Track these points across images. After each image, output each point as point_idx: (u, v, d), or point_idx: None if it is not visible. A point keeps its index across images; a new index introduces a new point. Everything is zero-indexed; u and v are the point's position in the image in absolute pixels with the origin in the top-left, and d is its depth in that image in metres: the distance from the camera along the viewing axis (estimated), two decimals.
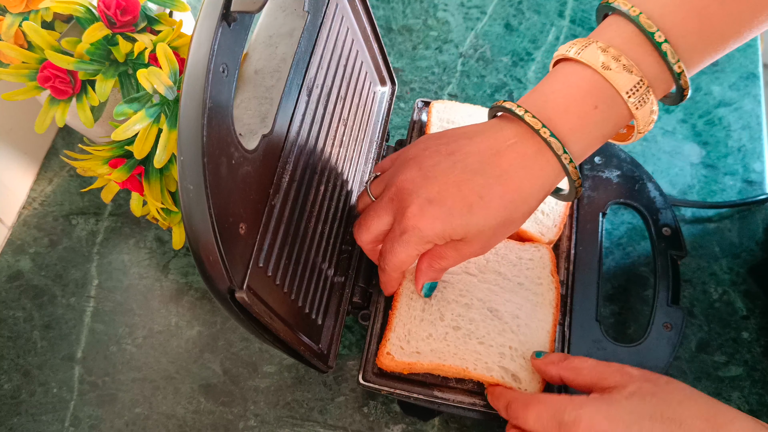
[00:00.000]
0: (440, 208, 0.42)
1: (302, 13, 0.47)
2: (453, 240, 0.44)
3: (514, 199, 0.42)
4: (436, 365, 0.49)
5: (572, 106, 0.40)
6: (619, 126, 0.42)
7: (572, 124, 0.41)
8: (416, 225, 0.43)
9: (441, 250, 0.46)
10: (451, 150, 0.44)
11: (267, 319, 0.40)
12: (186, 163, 0.33)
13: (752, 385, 0.56)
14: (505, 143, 0.42)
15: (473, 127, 0.45)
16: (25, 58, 0.51)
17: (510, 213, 0.43)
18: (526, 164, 0.42)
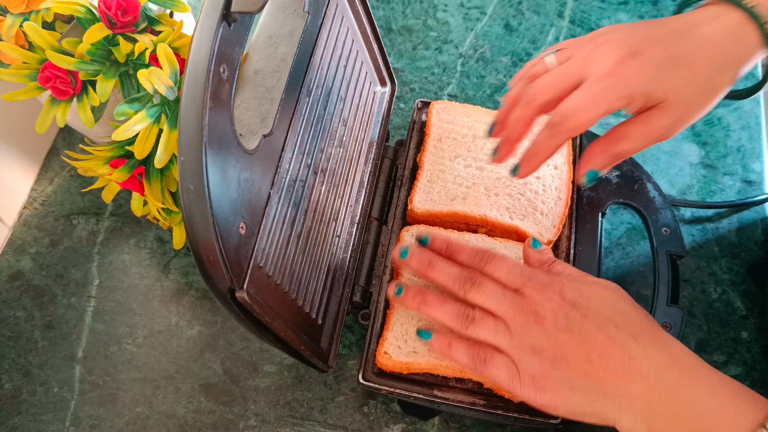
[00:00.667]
0: (646, 60, 0.40)
1: (302, 14, 0.47)
2: (646, 108, 0.41)
3: (719, 65, 0.41)
4: (433, 365, 0.49)
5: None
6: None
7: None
8: (619, 73, 0.40)
9: (625, 128, 0.43)
10: (651, 24, 0.42)
11: (267, 319, 0.40)
12: (186, 163, 0.34)
13: (752, 385, 0.55)
14: (707, 16, 0.42)
15: (666, 18, 0.44)
16: (25, 59, 0.51)
17: (714, 79, 0.41)
18: (730, 32, 0.41)
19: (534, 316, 0.43)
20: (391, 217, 0.59)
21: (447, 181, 0.58)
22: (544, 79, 0.43)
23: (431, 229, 0.56)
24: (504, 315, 0.44)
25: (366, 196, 0.58)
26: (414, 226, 0.56)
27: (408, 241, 0.50)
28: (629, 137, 0.43)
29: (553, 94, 0.42)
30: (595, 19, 0.76)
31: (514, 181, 0.57)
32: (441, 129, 0.60)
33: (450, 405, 0.50)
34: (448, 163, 0.59)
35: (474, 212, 0.56)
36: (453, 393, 0.50)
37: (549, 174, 0.58)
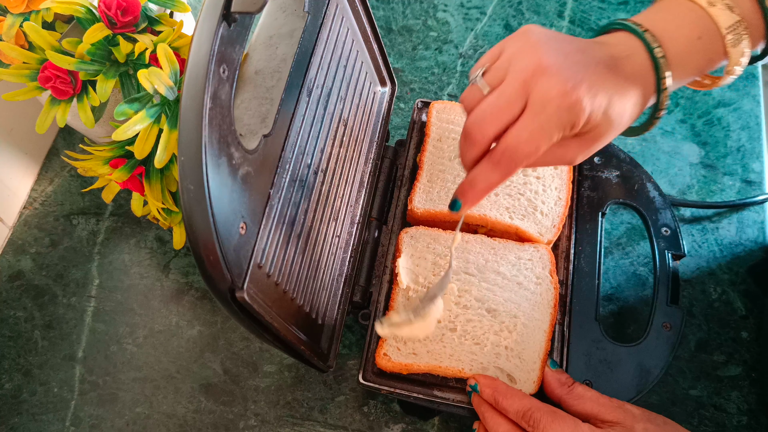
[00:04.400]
0: (589, 90, 0.40)
1: (302, 14, 0.47)
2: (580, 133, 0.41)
3: (643, 100, 0.42)
4: (432, 366, 0.49)
5: (680, 33, 0.42)
6: (712, 63, 0.43)
7: (678, 50, 0.42)
8: (565, 103, 0.39)
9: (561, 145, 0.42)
10: (579, 48, 0.42)
11: (267, 319, 0.40)
12: (186, 163, 0.34)
13: (751, 385, 0.56)
14: (623, 54, 0.42)
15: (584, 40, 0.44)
16: (26, 59, 0.51)
17: (637, 112, 0.43)
18: (640, 76, 0.42)
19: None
20: (391, 217, 0.59)
21: (447, 181, 0.58)
22: (484, 109, 0.41)
23: (434, 231, 0.56)
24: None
25: (366, 196, 0.58)
26: (413, 228, 0.56)
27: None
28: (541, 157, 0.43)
29: (498, 127, 0.41)
30: (595, 19, 0.76)
31: (515, 181, 0.57)
32: (441, 129, 0.60)
33: (450, 405, 0.50)
34: (448, 163, 0.59)
35: (474, 212, 0.56)
36: (453, 393, 0.50)
37: (549, 174, 0.58)
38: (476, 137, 0.42)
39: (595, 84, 0.40)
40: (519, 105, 0.40)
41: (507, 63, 0.41)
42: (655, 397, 0.55)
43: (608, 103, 0.41)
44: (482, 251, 0.54)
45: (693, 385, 0.56)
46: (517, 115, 0.41)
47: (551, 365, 0.49)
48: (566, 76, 0.39)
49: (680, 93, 0.71)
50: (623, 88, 0.41)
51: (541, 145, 0.40)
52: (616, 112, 0.41)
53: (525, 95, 0.40)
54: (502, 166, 0.42)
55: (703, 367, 0.57)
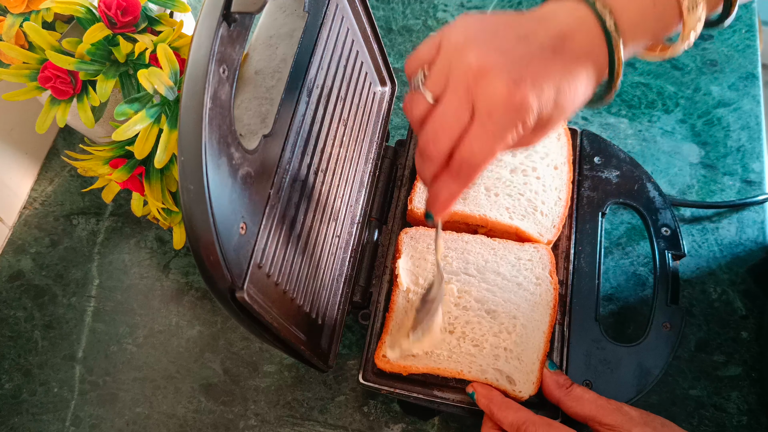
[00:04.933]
0: (535, 85, 0.38)
1: (302, 14, 0.47)
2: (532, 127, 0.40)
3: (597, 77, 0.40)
4: (431, 368, 0.49)
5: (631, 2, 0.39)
6: (666, 29, 0.40)
7: (631, 17, 0.39)
8: (513, 104, 0.37)
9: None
10: (520, 35, 0.40)
11: (267, 319, 0.40)
12: (186, 163, 0.34)
13: (751, 385, 0.56)
14: (570, 29, 0.40)
15: (528, 13, 0.41)
16: (25, 59, 0.51)
17: (590, 90, 0.40)
18: (591, 53, 0.39)
19: None
20: (391, 217, 0.59)
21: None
22: (435, 126, 0.40)
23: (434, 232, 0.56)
24: None
25: (366, 196, 0.58)
26: (413, 229, 0.56)
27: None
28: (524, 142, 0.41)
29: (451, 141, 0.40)
30: None
31: (515, 181, 0.57)
32: None
33: (450, 405, 0.50)
34: None
35: (474, 212, 0.56)
36: (453, 393, 0.50)
37: (549, 174, 0.58)
38: (432, 154, 0.40)
39: (540, 76, 0.38)
40: (467, 115, 0.39)
41: (447, 67, 0.40)
42: (655, 397, 0.55)
43: (557, 93, 0.39)
44: (482, 252, 0.54)
45: (693, 385, 0.56)
46: (466, 125, 0.39)
47: (549, 366, 0.49)
48: (508, 75, 0.38)
49: (680, 93, 0.71)
50: (572, 71, 0.39)
51: (496, 150, 0.39)
52: (567, 99, 0.39)
53: (470, 103, 0.39)
54: (462, 176, 0.41)
55: (703, 367, 0.57)
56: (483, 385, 0.48)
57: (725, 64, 0.72)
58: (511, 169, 0.58)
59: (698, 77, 0.72)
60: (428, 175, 0.42)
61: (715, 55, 0.73)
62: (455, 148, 0.40)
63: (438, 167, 0.41)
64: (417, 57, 0.41)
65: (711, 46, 0.73)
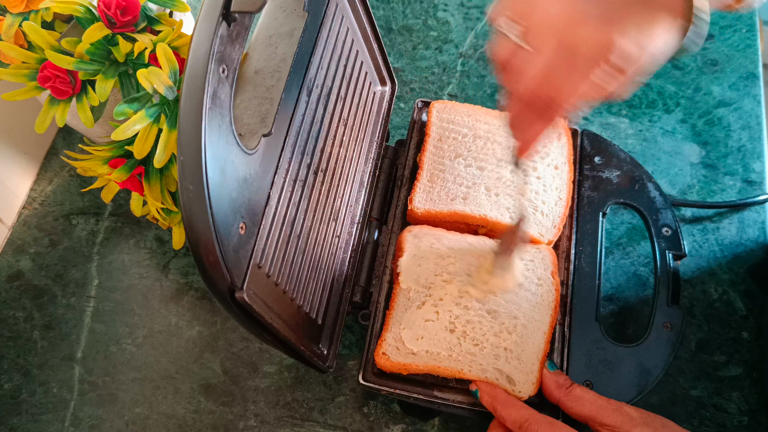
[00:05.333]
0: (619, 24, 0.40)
1: (302, 13, 0.47)
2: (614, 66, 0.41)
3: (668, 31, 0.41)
4: (431, 367, 0.49)
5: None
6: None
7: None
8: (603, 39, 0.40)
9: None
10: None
11: (267, 319, 0.40)
12: (186, 163, 0.34)
13: (752, 385, 0.56)
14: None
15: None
16: (25, 58, 0.51)
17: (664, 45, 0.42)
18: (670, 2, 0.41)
19: None
20: (391, 217, 0.59)
21: (447, 181, 0.57)
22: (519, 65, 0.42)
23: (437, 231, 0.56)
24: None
25: (366, 196, 0.58)
26: (416, 227, 0.56)
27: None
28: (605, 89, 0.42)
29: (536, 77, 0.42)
30: None
31: (515, 181, 0.57)
32: (441, 129, 0.60)
33: (450, 405, 0.50)
34: (448, 163, 0.59)
35: (474, 212, 0.56)
36: (453, 393, 0.50)
37: (549, 174, 0.58)
38: (518, 90, 0.43)
39: (622, 16, 0.40)
40: (551, 52, 0.41)
41: (537, 14, 0.42)
42: (656, 397, 0.55)
43: (638, 33, 0.40)
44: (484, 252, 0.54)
45: (693, 385, 0.56)
46: (551, 61, 0.41)
47: (549, 367, 0.49)
48: (593, 14, 0.40)
49: (681, 93, 0.71)
50: (653, 13, 0.41)
51: (578, 86, 0.41)
52: (649, 41, 0.41)
53: (561, 45, 0.41)
54: (544, 112, 0.43)
55: (703, 368, 0.57)
56: (486, 383, 0.48)
57: (726, 64, 0.72)
58: (511, 169, 0.58)
59: (699, 77, 0.72)
60: (513, 115, 0.44)
61: (715, 54, 0.73)
62: (542, 86, 0.42)
63: (523, 106, 0.43)
64: (501, 4, 0.44)
65: (711, 46, 0.73)
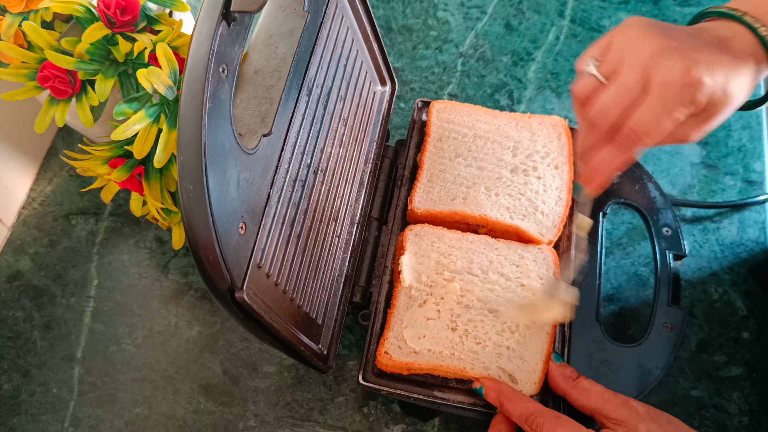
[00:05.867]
0: (709, 68, 0.41)
1: (302, 13, 0.47)
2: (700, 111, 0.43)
3: (754, 77, 0.43)
4: (433, 366, 0.49)
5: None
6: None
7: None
8: (689, 81, 0.40)
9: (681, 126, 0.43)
10: (688, 32, 0.44)
11: (267, 319, 0.40)
12: (186, 163, 0.33)
13: (752, 385, 0.56)
14: (728, 36, 0.43)
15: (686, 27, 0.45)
16: (24, 58, 0.51)
17: (751, 89, 0.43)
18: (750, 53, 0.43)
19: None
20: (391, 217, 0.59)
21: (447, 180, 0.57)
22: (606, 99, 0.43)
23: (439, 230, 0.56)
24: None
25: (366, 196, 0.58)
26: (417, 226, 0.56)
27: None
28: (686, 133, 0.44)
29: (622, 111, 0.42)
30: (596, 19, 0.76)
31: (516, 181, 0.57)
32: (441, 129, 0.60)
33: (450, 406, 0.50)
34: (448, 162, 0.58)
35: (474, 212, 0.55)
36: (453, 394, 0.50)
37: (550, 174, 0.58)
38: (598, 124, 0.43)
39: (711, 62, 0.41)
40: (639, 88, 0.42)
41: (621, 53, 0.43)
42: (656, 397, 0.55)
43: (726, 80, 0.41)
44: (486, 252, 0.54)
45: (694, 385, 0.56)
46: (638, 98, 0.42)
47: (555, 359, 0.49)
48: (684, 56, 0.41)
49: None
50: (739, 64, 0.42)
51: (666, 124, 0.41)
52: (735, 88, 0.42)
53: (645, 80, 0.41)
54: (625, 146, 0.43)
55: (704, 368, 0.56)
56: (490, 378, 0.48)
57: None
58: (511, 168, 0.58)
59: None
60: (588, 146, 0.45)
61: None
62: (624, 119, 0.43)
63: (601, 139, 0.44)
64: (587, 53, 0.45)
65: None
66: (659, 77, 0.41)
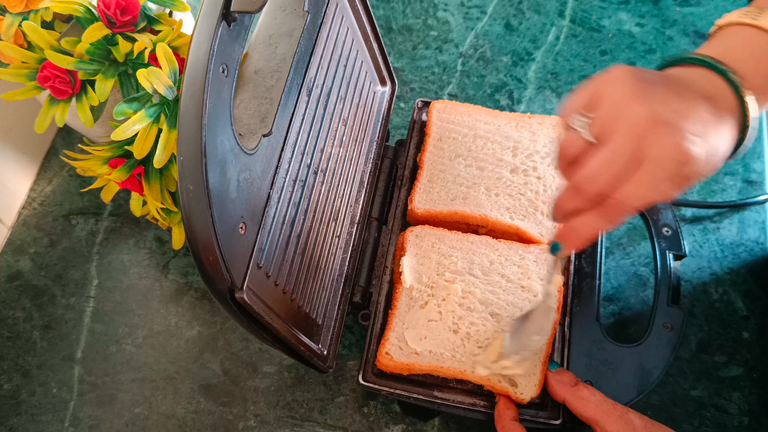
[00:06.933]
0: (702, 140, 0.40)
1: (302, 13, 0.47)
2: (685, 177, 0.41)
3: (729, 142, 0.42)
4: (433, 367, 0.49)
5: (758, 67, 0.42)
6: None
7: (758, 82, 0.42)
8: (683, 159, 0.39)
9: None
10: (676, 91, 0.42)
11: (267, 319, 0.40)
12: (186, 163, 0.33)
13: (752, 385, 0.56)
14: (711, 93, 0.42)
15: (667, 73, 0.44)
16: (24, 58, 0.51)
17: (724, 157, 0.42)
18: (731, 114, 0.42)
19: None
20: (391, 217, 0.59)
21: (447, 181, 0.57)
22: (597, 167, 0.41)
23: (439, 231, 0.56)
24: None
25: (366, 196, 0.58)
26: (418, 227, 0.56)
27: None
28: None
29: (610, 182, 0.41)
30: (596, 19, 0.76)
31: (516, 181, 0.57)
32: (441, 129, 0.60)
33: (450, 406, 0.49)
34: (448, 162, 0.58)
35: (474, 212, 0.55)
36: (453, 394, 0.50)
37: (550, 174, 0.58)
38: (587, 191, 0.42)
39: (704, 134, 0.40)
40: (634, 163, 0.40)
41: (611, 116, 0.41)
42: (656, 397, 0.55)
43: (716, 150, 0.40)
44: (487, 252, 0.54)
45: (694, 385, 0.56)
46: (629, 171, 0.40)
47: (551, 366, 0.49)
48: (678, 128, 0.39)
49: None
50: (722, 127, 0.41)
51: (655, 198, 0.41)
52: (721, 153, 0.41)
53: (637, 152, 0.40)
54: (612, 217, 0.42)
55: (704, 368, 0.56)
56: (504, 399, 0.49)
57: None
58: (511, 169, 0.58)
59: None
60: (571, 210, 0.43)
61: None
62: (611, 189, 0.41)
63: (586, 205, 0.42)
64: (573, 102, 0.43)
65: None
66: (653, 152, 0.39)
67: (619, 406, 0.45)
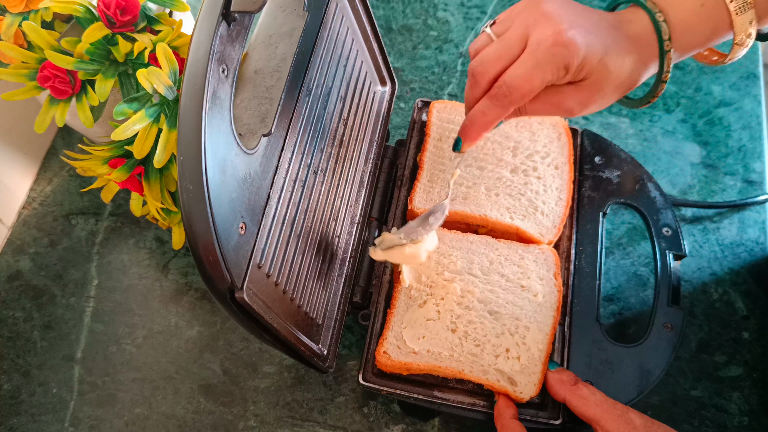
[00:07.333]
0: (585, 36, 0.42)
1: (302, 13, 0.47)
2: (577, 79, 0.44)
3: (642, 61, 0.44)
4: (432, 366, 0.49)
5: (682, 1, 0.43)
6: (717, 32, 0.44)
7: (681, 16, 0.43)
8: (561, 42, 0.42)
9: (561, 90, 0.45)
10: (585, 8, 0.45)
11: (267, 319, 0.40)
12: (186, 163, 0.33)
13: (752, 385, 0.56)
14: (626, 18, 0.45)
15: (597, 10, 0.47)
16: (24, 58, 0.51)
17: (635, 72, 0.45)
18: (642, 38, 0.44)
19: None
20: (391, 217, 0.59)
21: (447, 180, 0.57)
22: (488, 52, 0.45)
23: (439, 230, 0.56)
24: None
25: (366, 196, 0.58)
26: None
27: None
28: (540, 103, 0.46)
29: (500, 66, 0.44)
30: None
31: (516, 181, 0.57)
32: (441, 128, 0.60)
33: (450, 406, 0.50)
34: (448, 162, 0.58)
35: (474, 212, 0.55)
36: (453, 394, 0.50)
37: (549, 174, 0.58)
38: (478, 77, 0.45)
39: (592, 31, 0.43)
40: (519, 48, 0.44)
41: (515, 15, 0.45)
42: (656, 397, 0.55)
43: (604, 52, 0.43)
44: (487, 252, 0.54)
45: (694, 385, 0.56)
46: (516, 57, 0.44)
47: (551, 366, 0.49)
48: (564, 20, 0.42)
49: (681, 93, 0.71)
50: (623, 44, 0.44)
51: (535, 81, 0.43)
52: (613, 63, 0.43)
53: (525, 39, 0.43)
54: (498, 101, 0.45)
55: (704, 368, 0.56)
56: (504, 398, 0.49)
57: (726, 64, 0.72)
58: (511, 168, 0.58)
59: (699, 77, 0.72)
60: (472, 99, 0.47)
61: None
62: (500, 73, 0.44)
63: (481, 91, 0.46)
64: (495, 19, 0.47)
65: None
66: (535, 36, 0.43)
67: (619, 406, 0.45)
